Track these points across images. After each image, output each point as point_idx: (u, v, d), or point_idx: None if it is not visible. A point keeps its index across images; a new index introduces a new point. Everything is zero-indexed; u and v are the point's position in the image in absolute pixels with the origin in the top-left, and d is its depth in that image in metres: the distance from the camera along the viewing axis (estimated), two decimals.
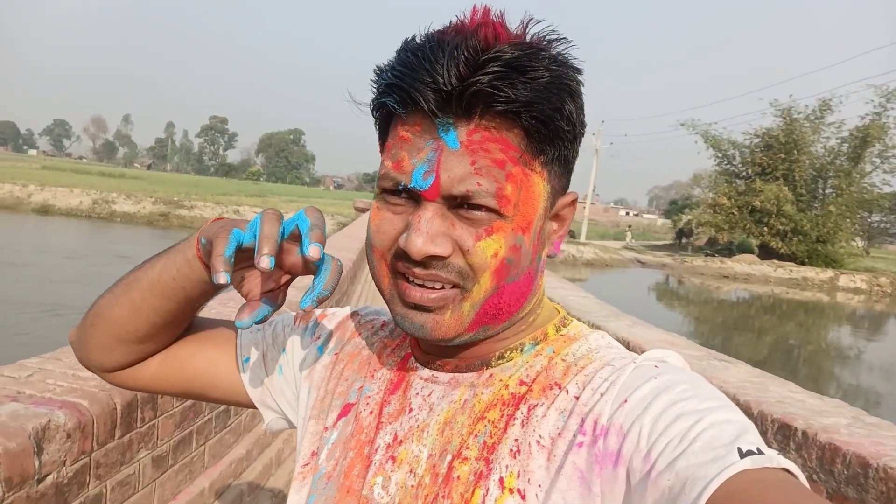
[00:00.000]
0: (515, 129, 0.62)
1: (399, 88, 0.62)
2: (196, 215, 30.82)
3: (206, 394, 0.90)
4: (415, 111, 0.63)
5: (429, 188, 0.62)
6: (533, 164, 0.64)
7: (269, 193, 51.56)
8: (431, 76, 0.60)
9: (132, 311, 0.80)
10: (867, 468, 1.95)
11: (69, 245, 18.99)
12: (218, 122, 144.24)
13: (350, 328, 0.87)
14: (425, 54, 0.61)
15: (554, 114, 0.62)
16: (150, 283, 0.78)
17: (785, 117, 35.29)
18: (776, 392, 2.52)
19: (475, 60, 0.59)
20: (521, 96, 0.60)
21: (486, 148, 0.62)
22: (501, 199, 0.62)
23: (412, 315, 0.66)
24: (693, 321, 18.81)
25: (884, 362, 14.62)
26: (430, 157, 0.62)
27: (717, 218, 35.63)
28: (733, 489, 0.48)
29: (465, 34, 0.61)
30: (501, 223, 0.63)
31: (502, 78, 0.59)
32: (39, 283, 12.46)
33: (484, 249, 0.63)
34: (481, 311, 0.66)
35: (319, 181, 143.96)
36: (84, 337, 0.85)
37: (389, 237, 0.66)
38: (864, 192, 35.13)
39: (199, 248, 0.74)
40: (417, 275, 0.65)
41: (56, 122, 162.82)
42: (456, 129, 0.62)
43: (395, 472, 0.69)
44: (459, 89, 0.60)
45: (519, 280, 0.66)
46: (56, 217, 27.72)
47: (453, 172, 0.61)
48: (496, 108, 0.60)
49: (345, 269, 5.11)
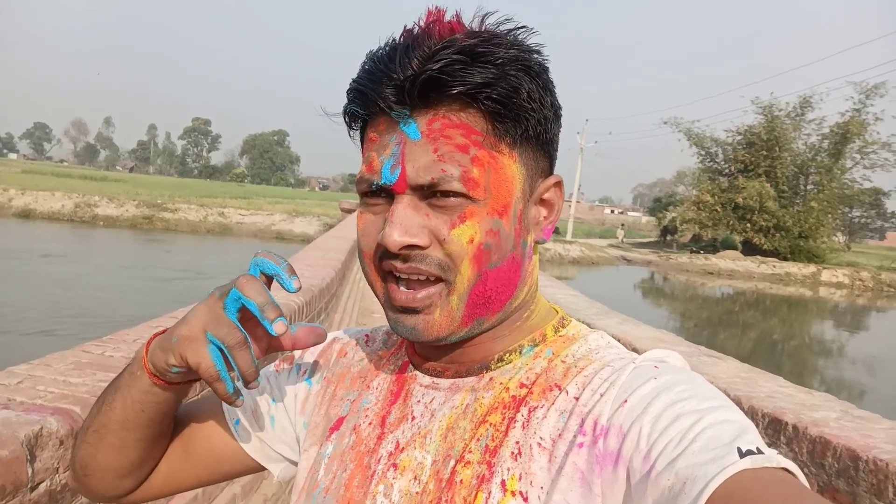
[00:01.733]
0: (475, 113, 0.63)
1: (359, 92, 0.66)
2: (180, 218, 30.58)
3: (217, 471, 0.88)
4: (378, 112, 0.65)
5: (396, 181, 0.64)
6: (499, 146, 0.65)
7: (253, 195, 51.30)
8: (387, 75, 0.63)
9: (117, 452, 0.79)
10: (857, 461, 1.98)
11: (54, 248, 18.76)
12: (201, 123, 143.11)
13: (334, 351, 0.87)
14: (381, 58, 0.64)
15: (512, 93, 0.63)
16: (119, 424, 0.76)
17: (766, 114, 35.73)
18: (766, 387, 2.55)
19: (428, 53, 0.62)
20: (475, 78, 0.61)
21: (446, 135, 0.63)
22: (468, 181, 0.63)
23: (403, 319, 0.67)
24: (679, 317, 18.96)
25: (866, 356, 14.83)
26: (395, 152, 0.64)
27: (701, 215, 35.97)
28: (733, 489, 0.48)
29: (416, 33, 0.64)
30: (474, 208, 0.64)
31: (454, 63, 0.61)
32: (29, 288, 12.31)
33: (459, 236, 0.63)
34: (470, 303, 0.66)
35: (304, 182, 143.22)
36: (85, 485, 0.83)
37: (373, 238, 0.67)
38: (845, 187, 35.64)
39: (155, 376, 0.72)
40: (400, 269, 0.65)
41: (36, 126, 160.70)
42: (416, 121, 0.63)
43: (397, 479, 0.69)
44: (412, 78, 0.62)
45: (502, 266, 0.66)
46: (38, 221, 27.38)
47: (418, 162, 0.63)
48: (451, 93, 0.62)
49: (334, 270, 5.09)
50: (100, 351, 2.05)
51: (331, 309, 4.93)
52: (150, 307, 7.93)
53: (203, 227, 30.36)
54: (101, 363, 1.93)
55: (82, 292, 12.55)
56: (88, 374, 1.82)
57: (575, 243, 34.53)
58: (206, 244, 25.83)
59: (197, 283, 14.45)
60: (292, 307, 3.30)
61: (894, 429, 2.22)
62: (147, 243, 24.34)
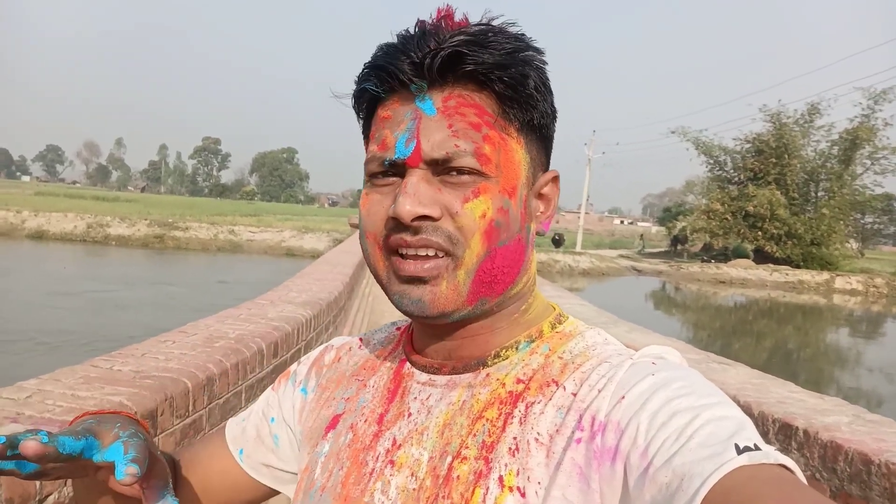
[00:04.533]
0: (487, 95, 0.66)
1: (377, 67, 0.67)
2: (191, 236, 30.77)
3: (238, 500, 0.87)
4: (393, 90, 0.67)
5: (411, 154, 0.65)
6: (508, 129, 0.67)
7: (263, 212, 51.51)
8: (405, 54, 0.65)
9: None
10: (870, 465, 1.95)
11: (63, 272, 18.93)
12: (211, 142, 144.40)
13: (328, 358, 0.87)
14: (397, 43, 0.67)
15: (522, 79, 0.66)
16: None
17: (774, 122, 35.63)
18: (776, 393, 2.53)
19: (443, 37, 0.65)
20: (490, 59, 0.64)
21: (461, 112, 0.65)
22: (481, 157, 0.64)
23: (409, 290, 0.67)
24: (692, 327, 18.83)
25: (884, 363, 14.62)
26: (410, 126, 0.65)
27: (712, 224, 35.81)
28: (730, 485, 0.48)
29: (432, 25, 0.66)
30: (486, 184, 0.65)
31: (469, 44, 0.64)
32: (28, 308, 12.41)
33: (472, 210, 0.64)
34: (476, 279, 0.66)
35: (314, 199, 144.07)
36: None
37: (380, 216, 0.67)
38: (857, 193, 35.39)
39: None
40: (409, 242, 0.65)
41: (49, 148, 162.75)
42: (431, 97, 0.65)
43: (394, 476, 0.69)
44: (431, 55, 0.64)
45: (509, 245, 0.67)
46: (51, 242, 27.66)
47: (433, 137, 0.64)
48: (466, 69, 0.64)
49: (343, 284, 5.11)
50: (108, 365, 2.06)
51: (339, 322, 4.94)
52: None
53: (214, 245, 30.52)
54: (109, 377, 1.94)
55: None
56: (97, 388, 1.84)
57: (585, 254, 34.43)
58: (216, 261, 25.96)
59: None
60: (300, 320, 3.31)
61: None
62: (160, 263, 24.46)
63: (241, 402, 2.53)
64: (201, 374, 2.16)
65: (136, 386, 1.88)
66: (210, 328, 2.82)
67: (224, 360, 2.38)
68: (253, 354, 2.64)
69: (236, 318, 3.13)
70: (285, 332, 3.06)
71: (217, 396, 2.30)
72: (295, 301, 3.84)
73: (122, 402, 1.75)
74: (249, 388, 2.62)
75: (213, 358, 2.33)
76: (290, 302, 3.78)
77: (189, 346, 2.43)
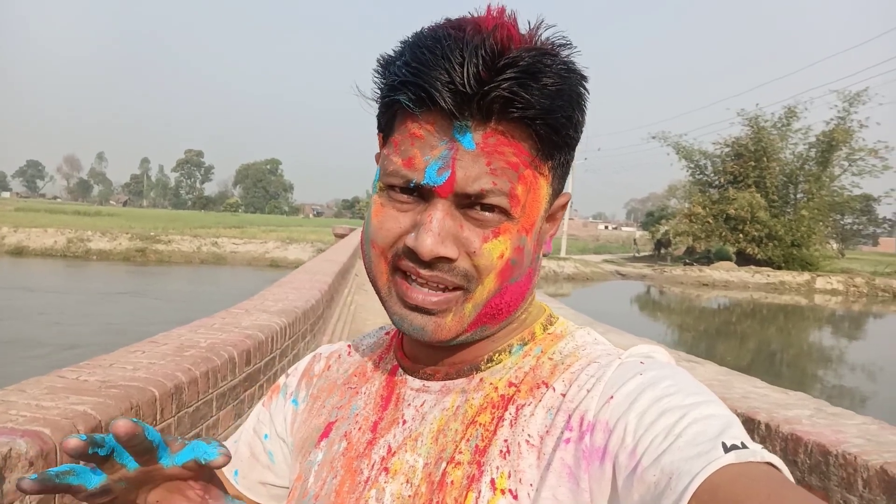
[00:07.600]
0: (528, 135, 0.63)
1: (415, 86, 0.61)
2: (174, 249, 30.53)
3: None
4: (430, 110, 0.62)
5: (443, 184, 0.62)
6: (542, 168, 0.65)
7: (247, 224, 51.24)
8: (450, 76, 0.59)
9: None
10: (827, 456, 2.00)
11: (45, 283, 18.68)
12: (194, 155, 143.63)
13: (318, 368, 0.86)
14: (443, 52, 0.60)
15: (566, 122, 0.63)
16: None
17: (753, 126, 36.05)
18: (741, 388, 2.58)
19: (493, 64, 0.59)
20: (537, 104, 0.61)
21: (500, 151, 0.62)
22: (513, 198, 0.63)
23: (412, 317, 0.65)
24: (676, 330, 18.95)
25: (866, 361, 14.79)
26: (445, 155, 0.62)
27: (694, 227, 36.13)
28: (718, 483, 0.48)
29: (482, 34, 0.60)
30: (509, 225, 0.64)
31: (520, 84, 0.59)
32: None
33: (491, 251, 0.63)
34: (483, 312, 0.66)
35: (298, 209, 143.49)
36: None
37: (393, 234, 0.65)
38: (835, 195, 35.84)
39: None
40: (422, 276, 0.64)
41: (29, 163, 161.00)
42: (472, 132, 0.62)
43: (389, 483, 0.68)
44: (480, 93, 0.60)
45: (521, 280, 0.67)
46: (31, 258, 27.33)
47: (469, 171, 0.61)
48: (512, 115, 0.61)
49: (320, 292, 5.11)
50: (74, 376, 2.06)
51: (317, 331, 4.93)
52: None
53: (197, 258, 30.31)
54: (75, 387, 1.94)
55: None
56: (62, 398, 1.84)
57: (569, 260, 34.58)
58: (198, 274, 25.76)
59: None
60: (274, 329, 3.32)
61: (867, 424, 2.25)
62: (141, 276, 24.23)
63: (211, 410, 2.53)
64: (169, 383, 2.16)
65: (101, 395, 1.88)
66: (182, 337, 2.82)
67: (193, 369, 2.38)
68: (224, 363, 2.64)
69: (209, 327, 3.13)
70: (258, 340, 3.07)
71: (186, 405, 2.30)
72: (270, 310, 3.84)
73: (87, 411, 1.75)
74: (221, 396, 2.63)
75: (181, 366, 2.34)
76: (265, 311, 3.78)
77: (159, 356, 2.44)
